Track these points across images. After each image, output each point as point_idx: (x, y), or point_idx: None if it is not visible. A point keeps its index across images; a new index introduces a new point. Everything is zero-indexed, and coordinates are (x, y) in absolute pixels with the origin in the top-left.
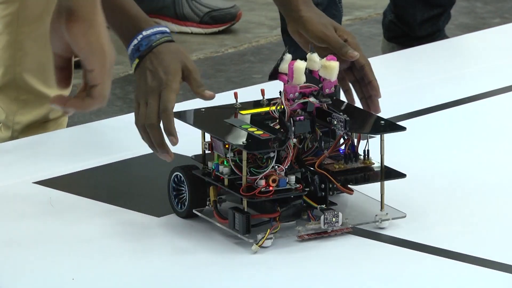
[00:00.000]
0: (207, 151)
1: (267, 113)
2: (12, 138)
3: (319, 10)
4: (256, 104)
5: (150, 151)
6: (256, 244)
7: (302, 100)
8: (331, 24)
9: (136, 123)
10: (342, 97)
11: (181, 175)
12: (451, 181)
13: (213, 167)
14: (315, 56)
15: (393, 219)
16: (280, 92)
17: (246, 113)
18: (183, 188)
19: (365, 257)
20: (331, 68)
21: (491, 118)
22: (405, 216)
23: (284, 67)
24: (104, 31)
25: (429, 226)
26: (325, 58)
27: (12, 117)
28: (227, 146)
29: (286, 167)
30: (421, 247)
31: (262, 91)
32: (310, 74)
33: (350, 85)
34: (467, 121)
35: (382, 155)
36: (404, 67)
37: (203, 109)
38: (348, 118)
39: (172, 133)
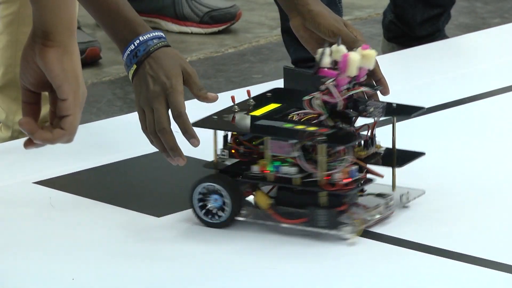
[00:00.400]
0: (225, 157)
1: (276, 111)
2: (12, 138)
3: (325, 6)
4: (258, 104)
5: (150, 151)
6: (354, 233)
7: (356, 90)
8: (340, 19)
9: (144, 129)
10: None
11: (217, 185)
12: (451, 181)
13: (273, 169)
14: (342, 48)
15: (415, 198)
16: (318, 88)
17: (260, 114)
18: (208, 199)
19: (366, 257)
20: (370, 56)
21: (491, 118)
22: (424, 193)
23: (326, 61)
24: (79, 60)
25: (429, 226)
26: (360, 48)
27: (13, 117)
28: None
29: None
30: (421, 247)
31: (248, 92)
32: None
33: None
34: (467, 121)
35: (395, 138)
36: (404, 67)
37: (215, 116)
38: (385, 104)
39: (193, 135)
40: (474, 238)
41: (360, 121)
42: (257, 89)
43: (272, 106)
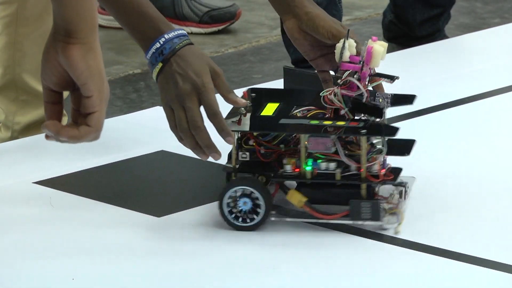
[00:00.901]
0: (246, 159)
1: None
2: (12, 138)
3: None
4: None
5: (150, 151)
6: (399, 224)
7: (376, 82)
8: (337, 21)
9: (173, 127)
10: None
11: (251, 188)
12: (451, 181)
13: (310, 168)
14: (352, 42)
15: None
16: (337, 82)
17: (269, 113)
18: (238, 202)
19: (366, 257)
20: (384, 47)
21: (491, 118)
22: (414, 179)
23: (347, 54)
24: (101, 57)
25: (430, 226)
26: (370, 40)
27: (12, 117)
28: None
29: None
30: (422, 247)
31: (245, 94)
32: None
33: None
34: (467, 121)
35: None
36: (404, 67)
37: (231, 120)
38: (392, 95)
39: (229, 134)
40: (474, 238)
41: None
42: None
43: (272, 105)
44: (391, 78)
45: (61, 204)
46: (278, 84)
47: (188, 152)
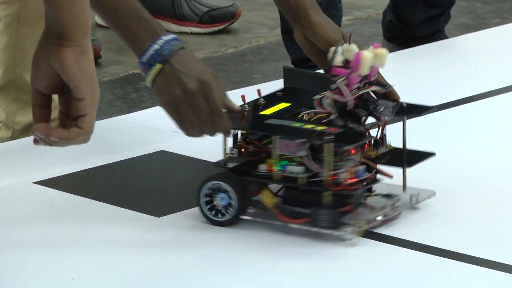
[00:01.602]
0: (234, 156)
1: (286, 110)
2: (12, 138)
3: (327, 16)
4: (268, 103)
5: (150, 151)
6: (355, 233)
7: (365, 90)
8: (339, 30)
9: (181, 125)
10: None
11: (223, 184)
12: (451, 181)
13: (279, 168)
14: (353, 47)
15: (425, 199)
16: (330, 87)
17: (271, 112)
18: (216, 197)
19: (366, 257)
20: (382, 55)
21: (491, 118)
22: (434, 194)
23: (338, 60)
24: (93, 60)
25: (430, 227)
26: (372, 47)
27: (12, 117)
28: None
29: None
30: (421, 247)
31: (259, 92)
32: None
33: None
34: (467, 121)
35: (405, 138)
36: (404, 67)
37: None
38: (395, 104)
39: (230, 130)
40: (474, 238)
41: (371, 120)
42: (257, 89)
43: (283, 105)
44: (383, 86)
45: (61, 204)
46: (278, 84)
47: (188, 152)
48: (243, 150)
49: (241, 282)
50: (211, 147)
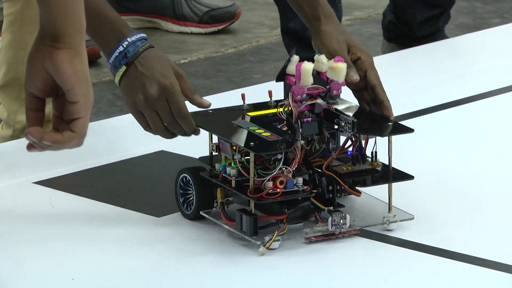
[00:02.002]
0: (214, 153)
1: (274, 115)
2: (13, 137)
3: (340, 25)
4: (263, 105)
5: (150, 151)
6: (264, 246)
7: (309, 102)
8: (346, 41)
9: (147, 128)
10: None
11: (189, 177)
12: (451, 181)
13: (221, 169)
14: (322, 58)
15: (400, 221)
16: (288, 94)
17: (253, 115)
18: (190, 190)
19: (369, 259)
20: (338, 69)
21: (491, 118)
22: (412, 218)
23: (291, 68)
24: (87, 62)
25: (430, 227)
26: (332, 60)
27: (14, 116)
28: (234, 147)
29: (294, 168)
30: (422, 247)
31: (270, 93)
32: (317, 75)
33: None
34: (467, 121)
35: (390, 157)
36: (404, 67)
37: (211, 111)
38: (355, 120)
39: (196, 130)
40: (474, 238)
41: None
42: (257, 89)
43: (273, 110)
44: (327, 101)
45: (61, 204)
46: (278, 84)
47: (188, 152)
48: (217, 147)
49: (241, 282)
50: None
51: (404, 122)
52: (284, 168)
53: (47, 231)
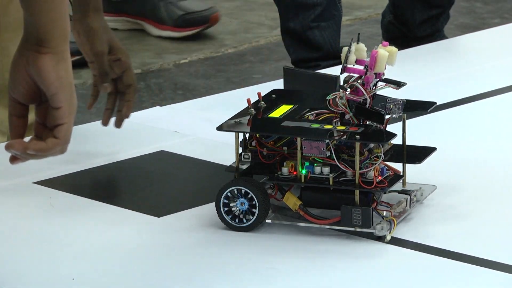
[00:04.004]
0: (243, 159)
1: (294, 111)
2: None
3: (105, 21)
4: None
5: (150, 151)
6: (389, 232)
7: (381, 88)
8: (110, 41)
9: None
10: None
11: (246, 189)
12: (451, 181)
13: (305, 170)
14: (362, 45)
15: (431, 193)
16: (339, 86)
17: (280, 114)
18: (236, 202)
19: (369, 259)
20: (392, 53)
21: (491, 118)
22: (436, 188)
23: (352, 58)
24: (71, 68)
25: (430, 227)
26: (380, 45)
27: (6, 123)
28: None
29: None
30: (422, 248)
31: (259, 95)
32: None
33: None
34: (467, 122)
35: (405, 135)
36: (403, 68)
37: (235, 120)
38: (405, 101)
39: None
40: (474, 238)
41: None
42: (257, 89)
43: (286, 107)
44: (398, 84)
45: (61, 204)
46: (278, 84)
47: (188, 152)
48: (259, 154)
49: (241, 282)
50: (211, 147)
51: (401, 122)
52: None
53: (47, 231)
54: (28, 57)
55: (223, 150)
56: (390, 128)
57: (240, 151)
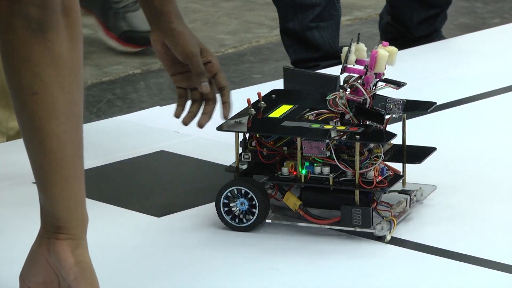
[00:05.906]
0: (243, 160)
1: (293, 112)
2: None
3: (188, 27)
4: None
5: (150, 151)
6: (389, 232)
7: (381, 88)
8: (199, 44)
9: None
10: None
11: (246, 189)
12: (450, 182)
13: (304, 172)
14: (362, 45)
15: (430, 193)
16: (339, 86)
17: (280, 115)
18: (236, 202)
19: (369, 259)
20: (392, 53)
21: (491, 118)
22: (436, 188)
23: (352, 58)
24: (88, 252)
25: (430, 227)
26: (380, 45)
27: (6, 123)
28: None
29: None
30: (421, 247)
31: (259, 95)
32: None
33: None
34: (466, 122)
35: (405, 135)
36: (403, 68)
37: (235, 120)
38: (405, 101)
39: None
40: (474, 238)
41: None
42: (257, 89)
43: (285, 107)
44: (398, 84)
45: None
46: (278, 84)
47: (188, 152)
48: (259, 154)
49: (241, 282)
50: (211, 147)
51: (401, 123)
52: (377, 156)
53: None
54: (48, 246)
55: (223, 150)
56: (390, 128)
57: (240, 151)
